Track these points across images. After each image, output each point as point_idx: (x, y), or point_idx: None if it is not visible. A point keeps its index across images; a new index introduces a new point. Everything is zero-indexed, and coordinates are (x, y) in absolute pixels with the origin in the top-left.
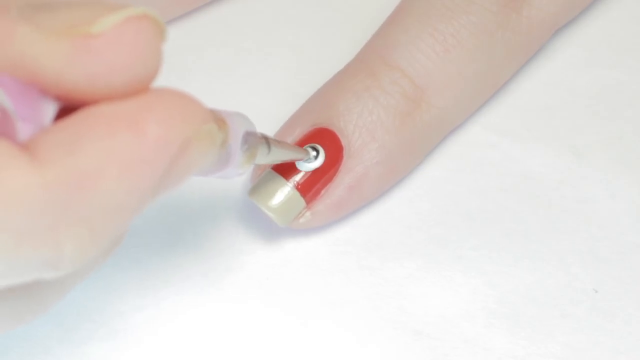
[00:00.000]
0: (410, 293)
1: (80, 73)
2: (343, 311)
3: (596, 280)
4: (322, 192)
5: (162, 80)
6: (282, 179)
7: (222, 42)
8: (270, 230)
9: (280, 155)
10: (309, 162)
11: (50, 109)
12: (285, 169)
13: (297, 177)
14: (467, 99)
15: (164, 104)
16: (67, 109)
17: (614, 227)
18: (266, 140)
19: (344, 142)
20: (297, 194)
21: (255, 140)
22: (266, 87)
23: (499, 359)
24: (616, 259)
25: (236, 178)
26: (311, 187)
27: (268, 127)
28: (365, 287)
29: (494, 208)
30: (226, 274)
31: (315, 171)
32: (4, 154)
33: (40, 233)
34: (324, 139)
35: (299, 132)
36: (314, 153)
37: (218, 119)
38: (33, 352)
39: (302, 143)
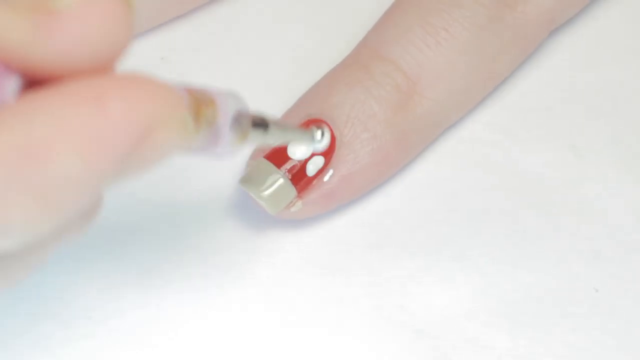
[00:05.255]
0: (410, 292)
1: (45, 49)
2: (343, 311)
3: (597, 280)
4: (314, 181)
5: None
6: (274, 167)
7: (222, 42)
8: (271, 229)
9: (280, 136)
10: (317, 144)
11: (13, 84)
12: (278, 157)
13: (289, 166)
14: (461, 93)
15: (131, 84)
16: (32, 84)
17: (614, 226)
18: (262, 120)
19: (336, 133)
20: (289, 182)
21: (247, 120)
22: (266, 87)
23: (499, 358)
24: (617, 258)
25: (228, 161)
26: (303, 176)
27: None
28: (365, 286)
29: (495, 207)
30: (226, 273)
31: (307, 160)
32: None
33: None
34: None
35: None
36: (319, 132)
37: (206, 98)
38: (33, 350)
39: None
